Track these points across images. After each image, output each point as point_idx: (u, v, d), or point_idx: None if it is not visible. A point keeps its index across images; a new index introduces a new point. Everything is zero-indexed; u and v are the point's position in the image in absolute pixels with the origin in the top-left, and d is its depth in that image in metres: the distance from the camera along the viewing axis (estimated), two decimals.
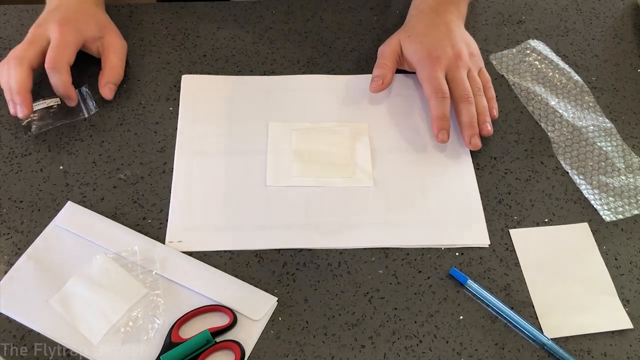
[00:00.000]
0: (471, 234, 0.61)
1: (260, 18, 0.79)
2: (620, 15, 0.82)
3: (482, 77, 0.70)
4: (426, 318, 0.56)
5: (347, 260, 0.59)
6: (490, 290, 0.58)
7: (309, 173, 0.65)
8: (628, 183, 0.66)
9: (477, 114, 0.66)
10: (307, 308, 0.57)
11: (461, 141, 0.68)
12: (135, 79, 0.72)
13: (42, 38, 0.66)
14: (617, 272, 0.60)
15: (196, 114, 0.69)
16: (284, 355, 0.54)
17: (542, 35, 0.79)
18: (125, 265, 0.57)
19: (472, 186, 0.65)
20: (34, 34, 0.67)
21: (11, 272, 0.57)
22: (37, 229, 0.60)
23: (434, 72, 0.66)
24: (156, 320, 0.55)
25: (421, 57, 0.68)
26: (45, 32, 0.66)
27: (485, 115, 0.67)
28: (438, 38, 0.69)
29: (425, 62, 0.67)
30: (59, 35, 0.65)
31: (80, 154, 0.65)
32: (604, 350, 0.55)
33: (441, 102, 0.65)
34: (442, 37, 0.69)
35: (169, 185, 0.63)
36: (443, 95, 0.65)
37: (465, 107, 0.66)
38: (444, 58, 0.67)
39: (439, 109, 0.65)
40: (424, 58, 0.68)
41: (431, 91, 0.66)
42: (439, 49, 0.68)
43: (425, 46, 0.68)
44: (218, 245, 0.60)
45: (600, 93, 0.73)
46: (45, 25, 0.67)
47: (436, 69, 0.67)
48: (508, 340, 0.55)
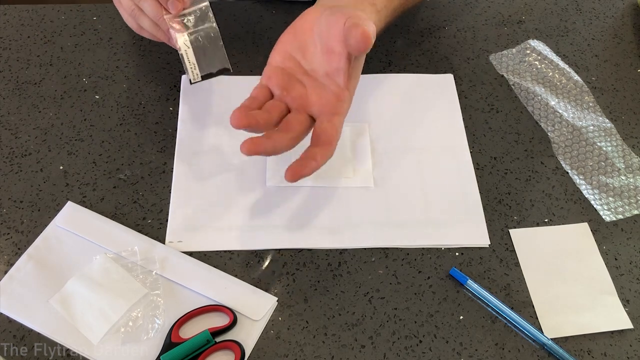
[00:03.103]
0: (471, 234, 0.61)
1: (260, 18, 0.79)
2: (620, 15, 0.82)
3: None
4: (426, 318, 0.56)
5: (347, 260, 0.59)
6: (490, 290, 0.58)
7: None
8: (628, 183, 0.66)
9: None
10: (307, 308, 0.57)
11: (461, 141, 0.68)
12: (135, 79, 0.72)
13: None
14: (617, 272, 0.60)
15: (196, 114, 0.69)
16: (284, 355, 0.54)
17: (542, 35, 0.79)
18: (125, 265, 0.57)
19: (472, 186, 0.65)
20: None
21: (11, 272, 0.57)
22: (37, 229, 0.60)
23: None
24: (156, 320, 0.55)
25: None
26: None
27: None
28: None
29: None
30: None
31: (80, 154, 0.66)
32: (604, 350, 0.55)
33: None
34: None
35: (169, 185, 0.63)
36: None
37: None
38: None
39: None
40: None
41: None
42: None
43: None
44: (218, 245, 0.60)
45: (600, 93, 0.74)
46: None
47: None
48: (508, 340, 0.55)
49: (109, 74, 0.72)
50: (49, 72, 0.72)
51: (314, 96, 0.55)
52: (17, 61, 0.73)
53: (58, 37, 0.75)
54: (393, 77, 0.73)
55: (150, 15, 0.59)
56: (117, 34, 0.76)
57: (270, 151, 0.52)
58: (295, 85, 0.55)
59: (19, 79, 0.71)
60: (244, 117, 0.51)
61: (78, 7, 0.79)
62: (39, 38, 0.75)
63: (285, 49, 0.57)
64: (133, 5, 0.60)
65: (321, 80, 0.55)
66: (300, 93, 0.55)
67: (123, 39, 0.76)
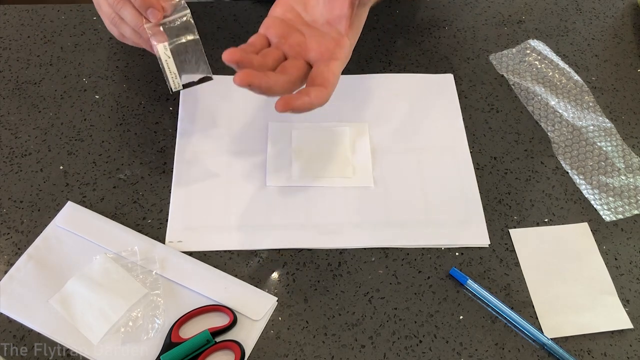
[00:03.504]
0: (471, 234, 0.61)
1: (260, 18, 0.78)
2: (620, 15, 0.82)
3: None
4: (426, 318, 0.56)
5: (347, 260, 0.59)
6: (490, 290, 0.58)
7: (309, 173, 0.65)
8: (628, 183, 0.66)
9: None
10: (307, 308, 0.57)
11: (461, 141, 0.68)
12: (135, 79, 0.72)
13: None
14: (617, 272, 0.60)
15: (196, 114, 0.69)
16: (284, 355, 0.54)
17: (542, 35, 0.79)
18: (125, 265, 0.57)
19: (472, 186, 0.65)
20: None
21: (11, 272, 0.57)
22: (37, 229, 0.60)
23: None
24: (156, 320, 0.55)
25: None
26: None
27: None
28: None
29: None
30: None
31: (80, 154, 0.65)
32: (604, 350, 0.55)
33: None
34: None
35: (169, 185, 0.63)
36: None
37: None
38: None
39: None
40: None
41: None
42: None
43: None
44: (218, 245, 0.60)
45: (600, 93, 0.74)
46: None
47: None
48: (508, 340, 0.55)
49: (109, 74, 0.72)
50: (49, 72, 0.72)
51: (312, 43, 0.54)
52: (17, 61, 0.73)
53: (58, 37, 0.75)
54: (393, 77, 0.73)
55: (131, 23, 0.58)
56: None
57: (264, 87, 0.49)
58: (294, 34, 0.54)
59: (19, 79, 0.71)
60: (237, 53, 0.50)
61: (78, 7, 0.79)
62: (39, 38, 0.75)
63: (286, 1, 0.56)
64: (113, 13, 0.59)
65: (321, 29, 0.54)
66: (299, 41, 0.54)
67: None
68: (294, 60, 0.53)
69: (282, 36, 0.54)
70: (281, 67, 0.52)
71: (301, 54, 0.54)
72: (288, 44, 0.54)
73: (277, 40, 0.54)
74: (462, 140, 0.68)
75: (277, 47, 0.54)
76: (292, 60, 0.53)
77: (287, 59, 0.54)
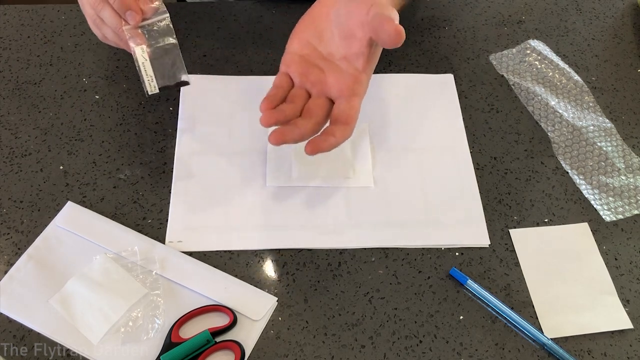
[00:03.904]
0: (471, 234, 0.61)
1: (260, 18, 0.79)
2: (620, 15, 0.82)
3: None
4: (426, 318, 0.56)
5: (347, 260, 0.59)
6: (490, 290, 0.58)
7: (309, 173, 0.65)
8: (628, 183, 0.66)
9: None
10: (307, 308, 0.57)
11: (461, 141, 0.68)
12: (135, 79, 0.72)
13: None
14: (617, 272, 0.60)
15: (196, 114, 0.69)
16: (284, 355, 0.54)
17: (542, 35, 0.79)
18: (125, 265, 0.57)
19: (472, 186, 0.65)
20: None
21: (11, 272, 0.57)
22: (37, 229, 0.60)
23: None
24: (156, 320, 0.55)
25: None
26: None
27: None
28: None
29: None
30: None
31: (80, 154, 0.65)
32: (604, 350, 0.55)
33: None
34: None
35: (169, 185, 0.63)
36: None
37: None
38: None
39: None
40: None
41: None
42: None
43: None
44: (218, 245, 0.60)
45: (600, 93, 0.74)
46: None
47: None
48: (508, 340, 0.55)
49: (109, 74, 0.72)
50: (49, 72, 0.72)
51: (331, 79, 0.56)
52: (17, 61, 0.73)
53: (58, 37, 0.75)
54: (393, 77, 0.73)
55: (110, 25, 0.59)
56: None
57: (297, 139, 0.54)
58: (314, 70, 0.57)
59: (19, 79, 0.71)
60: (272, 116, 0.54)
61: (78, 7, 0.78)
62: (39, 38, 0.75)
63: (302, 36, 0.59)
64: (95, 14, 0.60)
65: (338, 64, 0.57)
66: (319, 77, 0.57)
67: None
68: (317, 99, 0.57)
69: (303, 74, 0.57)
70: (306, 111, 0.56)
71: (323, 91, 0.57)
72: (310, 81, 0.57)
73: (299, 80, 0.57)
74: (462, 140, 0.68)
75: (300, 87, 0.58)
76: (315, 99, 0.57)
77: (310, 98, 0.57)
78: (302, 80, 0.57)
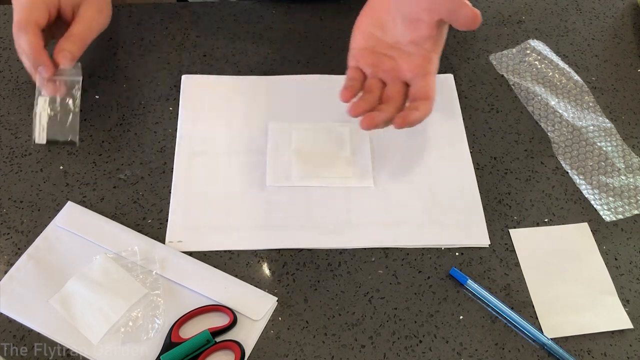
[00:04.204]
0: (471, 234, 0.61)
1: (260, 18, 0.79)
2: (620, 15, 0.82)
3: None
4: (426, 318, 0.56)
5: (347, 260, 0.59)
6: (490, 290, 0.58)
7: (309, 173, 0.65)
8: (628, 183, 0.66)
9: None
10: (307, 308, 0.57)
11: (461, 141, 0.68)
12: (135, 79, 0.72)
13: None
14: (617, 272, 0.60)
15: (196, 114, 0.69)
16: (284, 355, 0.54)
17: (542, 35, 0.79)
18: (125, 265, 0.57)
19: (472, 186, 0.65)
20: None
21: (11, 272, 0.57)
22: (37, 229, 0.60)
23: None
24: (156, 320, 0.55)
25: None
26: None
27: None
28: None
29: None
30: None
31: (80, 154, 0.65)
32: (604, 350, 0.55)
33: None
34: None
35: (169, 185, 0.63)
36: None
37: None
38: None
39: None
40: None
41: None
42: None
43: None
44: (218, 245, 0.60)
45: (600, 93, 0.74)
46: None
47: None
48: (508, 340, 0.55)
49: (109, 74, 0.72)
50: None
51: (404, 64, 0.58)
52: (17, 61, 0.73)
53: None
54: None
55: (28, 70, 0.62)
56: (117, 34, 0.76)
57: (384, 123, 0.56)
58: (384, 59, 0.59)
59: (19, 79, 0.71)
60: (360, 106, 0.57)
61: None
62: None
63: (364, 29, 0.60)
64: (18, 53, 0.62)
65: (406, 49, 0.58)
66: (391, 65, 0.59)
67: (123, 39, 0.76)
68: (393, 85, 0.59)
69: (374, 65, 0.59)
70: (386, 97, 0.58)
71: (397, 77, 0.59)
72: (382, 70, 0.59)
73: (371, 70, 0.59)
74: (462, 140, 0.68)
75: (373, 77, 0.59)
76: (391, 86, 0.59)
77: (387, 85, 0.59)
78: (374, 71, 0.59)
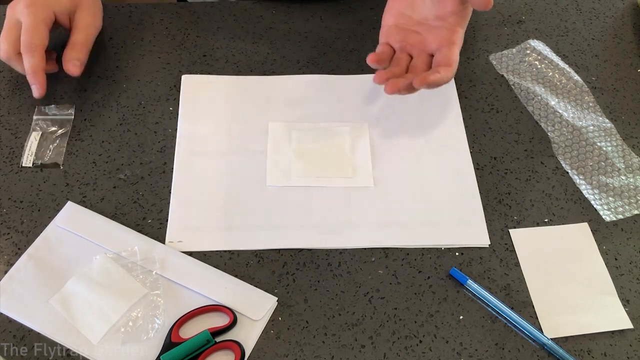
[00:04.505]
0: (471, 234, 0.61)
1: (260, 18, 0.79)
2: (620, 15, 0.82)
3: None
4: (426, 318, 0.56)
5: (347, 260, 0.59)
6: (490, 290, 0.58)
7: (309, 173, 0.65)
8: (628, 183, 0.66)
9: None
10: (307, 308, 0.57)
11: (461, 141, 0.68)
12: (135, 79, 0.72)
13: (15, 21, 0.65)
14: (617, 272, 0.60)
15: (196, 114, 0.69)
16: (284, 355, 0.54)
17: (542, 35, 0.79)
18: (125, 265, 0.57)
19: (472, 186, 0.65)
20: (8, 17, 0.66)
21: (11, 272, 0.57)
22: (37, 229, 0.60)
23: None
24: (156, 320, 0.55)
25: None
26: (16, 15, 0.65)
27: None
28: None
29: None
30: (27, 16, 0.64)
31: (80, 154, 0.66)
32: (604, 350, 0.55)
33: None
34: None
35: (169, 185, 0.63)
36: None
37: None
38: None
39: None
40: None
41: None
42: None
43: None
44: (218, 245, 0.60)
45: (600, 93, 0.74)
46: (15, 6, 0.66)
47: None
48: (508, 340, 0.55)
49: (109, 74, 0.72)
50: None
51: (429, 37, 0.62)
52: None
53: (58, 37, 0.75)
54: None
55: (4, 61, 0.66)
56: (117, 34, 0.76)
57: (406, 88, 0.59)
58: (412, 35, 0.63)
59: (19, 79, 0.71)
60: (385, 75, 0.60)
61: None
62: None
63: (395, 9, 0.65)
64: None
65: (433, 24, 0.62)
66: (418, 39, 0.63)
67: (123, 39, 0.76)
68: (419, 57, 0.63)
69: (402, 40, 0.64)
70: (412, 67, 0.62)
71: (423, 49, 0.63)
72: (409, 44, 0.63)
73: (399, 45, 0.64)
74: (462, 140, 0.68)
75: (401, 51, 0.64)
76: (417, 57, 0.63)
77: (413, 58, 0.63)
78: (402, 46, 0.63)
